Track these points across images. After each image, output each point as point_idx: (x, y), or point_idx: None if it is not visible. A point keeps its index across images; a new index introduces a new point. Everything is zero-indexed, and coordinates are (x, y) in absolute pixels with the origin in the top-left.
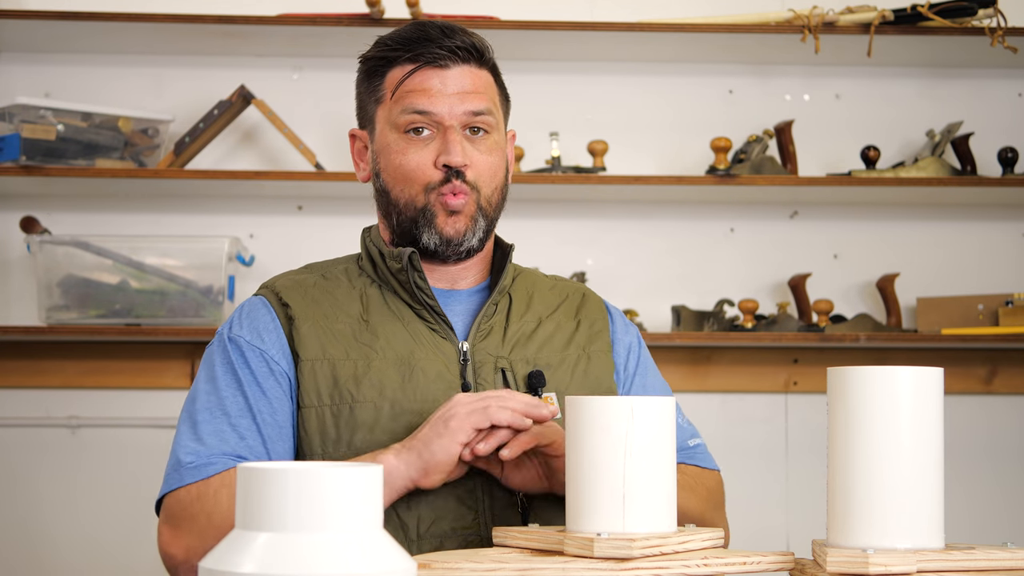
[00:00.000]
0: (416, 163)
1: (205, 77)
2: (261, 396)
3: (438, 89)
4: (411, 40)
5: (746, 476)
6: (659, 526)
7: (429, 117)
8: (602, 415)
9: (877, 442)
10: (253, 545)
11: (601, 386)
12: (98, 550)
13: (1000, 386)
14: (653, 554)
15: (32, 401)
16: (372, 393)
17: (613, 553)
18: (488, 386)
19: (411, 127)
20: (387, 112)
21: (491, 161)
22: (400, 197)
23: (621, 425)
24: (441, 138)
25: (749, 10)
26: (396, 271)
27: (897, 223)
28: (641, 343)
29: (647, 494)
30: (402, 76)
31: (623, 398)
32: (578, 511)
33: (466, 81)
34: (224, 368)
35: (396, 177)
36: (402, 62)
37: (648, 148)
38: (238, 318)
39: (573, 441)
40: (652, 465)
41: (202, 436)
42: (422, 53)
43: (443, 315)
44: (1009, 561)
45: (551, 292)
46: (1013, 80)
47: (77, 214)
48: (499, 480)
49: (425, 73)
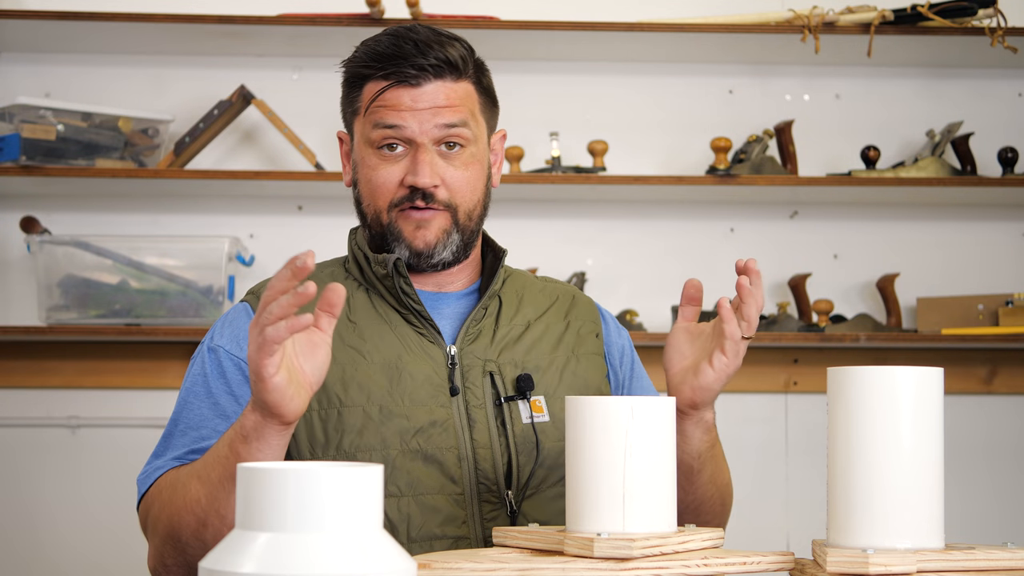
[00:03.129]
0: (383, 179)
1: (205, 77)
2: (233, 407)
3: (408, 106)
4: (385, 56)
5: (746, 476)
6: (659, 526)
7: (400, 132)
8: (602, 415)
9: (877, 442)
10: (253, 545)
11: (590, 388)
12: (98, 550)
13: (1000, 386)
14: (653, 554)
15: (32, 401)
16: (360, 397)
17: (613, 553)
18: (476, 390)
19: (383, 143)
20: (362, 125)
21: (467, 176)
22: (368, 211)
23: (621, 425)
24: (412, 156)
25: (749, 10)
26: (382, 276)
27: (897, 223)
28: (632, 348)
29: (647, 494)
30: (374, 93)
31: (623, 398)
32: (578, 511)
33: (439, 97)
34: (198, 379)
35: (366, 191)
36: (376, 78)
37: (648, 148)
38: (220, 327)
39: (573, 441)
40: (652, 465)
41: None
42: (393, 71)
43: (430, 319)
44: (1009, 561)
45: (541, 294)
46: (1013, 80)
47: (77, 214)
48: (488, 484)
49: (396, 91)
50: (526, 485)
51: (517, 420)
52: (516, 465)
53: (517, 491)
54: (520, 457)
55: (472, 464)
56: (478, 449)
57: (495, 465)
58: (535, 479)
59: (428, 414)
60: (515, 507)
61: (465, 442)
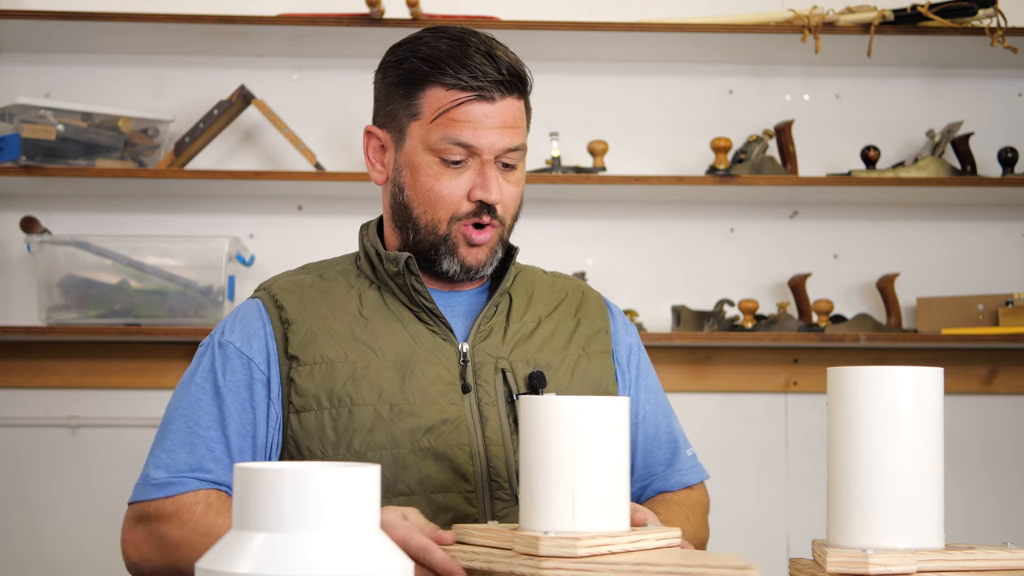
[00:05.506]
0: (449, 191)
1: (205, 77)
2: (236, 406)
3: (483, 123)
4: (457, 62)
5: (746, 476)
6: (609, 525)
7: (469, 149)
8: (552, 414)
9: (877, 442)
10: (249, 545)
11: (600, 386)
12: (98, 550)
13: (1000, 386)
14: (600, 553)
15: (32, 401)
16: (371, 396)
17: (558, 551)
18: (488, 387)
19: (450, 156)
20: (424, 131)
21: (517, 192)
22: (422, 218)
23: (570, 424)
24: (477, 170)
25: (749, 10)
26: (394, 274)
27: (897, 223)
28: (640, 344)
29: (597, 493)
30: (448, 103)
31: (573, 398)
32: (530, 510)
33: (508, 115)
34: (206, 375)
35: (423, 199)
36: (448, 85)
37: (648, 148)
38: (231, 322)
39: (526, 440)
40: (602, 464)
41: (173, 448)
42: (471, 83)
43: (442, 317)
44: (1009, 561)
45: (551, 290)
46: (1013, 80)
47: (77, 214)
48: (500, 482)
49: (472, 105)
50: None
51: None
52: None
53: None
54: None
55: (484, 461)
56: (490, 447)
57: (507, 462)
58: None
59: (439, 412)
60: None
61: (477, 439)
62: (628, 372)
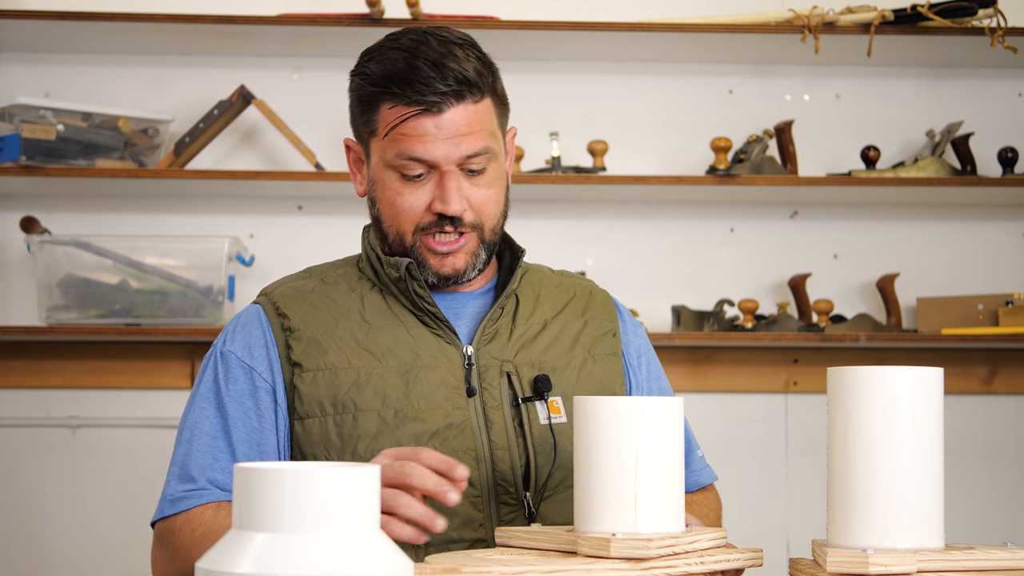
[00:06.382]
0: (409, 205)
1: (205, 77)
2: (240, 415)
3: (433, 135)
4: (401, 78)
5: (746, 476)
6: (669, 526)
7: (424, 163)
8: (613, 416)
9: (877, 442)
10: (250, 545)
11: (606, 389)
12: (98, 550)
13: (1000, 386)
14: (667, 554)
15: (32, 401)
16: (375, 401)
17: (630, 553)
18: (494, 391)
19: (406, 170)
20: (381, 148)
21: (491, 194)
22: (390, 232)
23: (633, 426)
24: (437, 182)
25: (749, 10)
26: (395, 279)
27: (897, 223)
28: (649, 345)
29: (658, 494)
30: (395, 119)
31: (634, 399)
32: (588, 512)
33: (461, 123)
34: (209, 386)
35: (387, 213)
36: (394, 102)
37: (648, 148)
38: (232, 330)
39: (583, 442)
40: (662, 466)
41: (187, 464)
42: (415, 98)
43: (446, 320)
44: (1009, 561)
45: (558, 290)
46: (1013, 80)
47: (77, 214)
48: (506, 486)
49: (418, 119)
50: (544, 487)
51: (535, 421)
52: (534, 467)
53: (535, 493)
54: (538, 459)
55: (490, 466)
56: (496, 451)
57: (513, 467)
58: (553, 480)
59: (444, 416)
60: (533, 509)
61: (483, 444)
62: (639, 373)
